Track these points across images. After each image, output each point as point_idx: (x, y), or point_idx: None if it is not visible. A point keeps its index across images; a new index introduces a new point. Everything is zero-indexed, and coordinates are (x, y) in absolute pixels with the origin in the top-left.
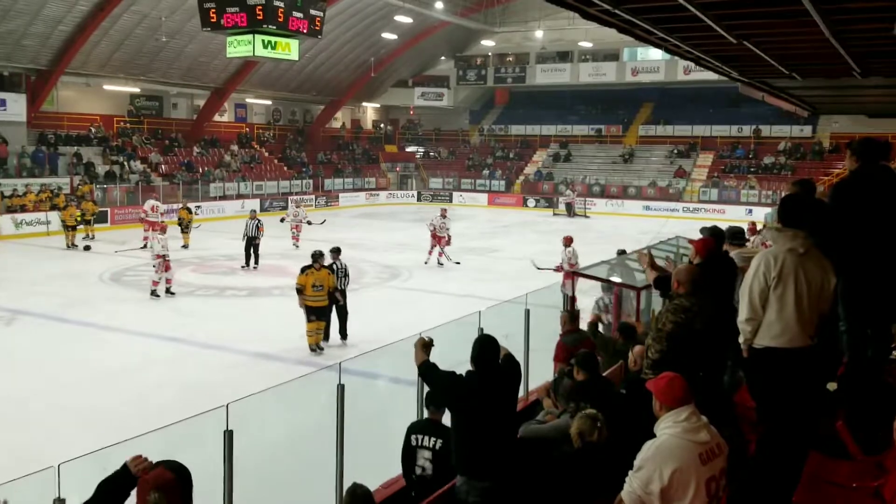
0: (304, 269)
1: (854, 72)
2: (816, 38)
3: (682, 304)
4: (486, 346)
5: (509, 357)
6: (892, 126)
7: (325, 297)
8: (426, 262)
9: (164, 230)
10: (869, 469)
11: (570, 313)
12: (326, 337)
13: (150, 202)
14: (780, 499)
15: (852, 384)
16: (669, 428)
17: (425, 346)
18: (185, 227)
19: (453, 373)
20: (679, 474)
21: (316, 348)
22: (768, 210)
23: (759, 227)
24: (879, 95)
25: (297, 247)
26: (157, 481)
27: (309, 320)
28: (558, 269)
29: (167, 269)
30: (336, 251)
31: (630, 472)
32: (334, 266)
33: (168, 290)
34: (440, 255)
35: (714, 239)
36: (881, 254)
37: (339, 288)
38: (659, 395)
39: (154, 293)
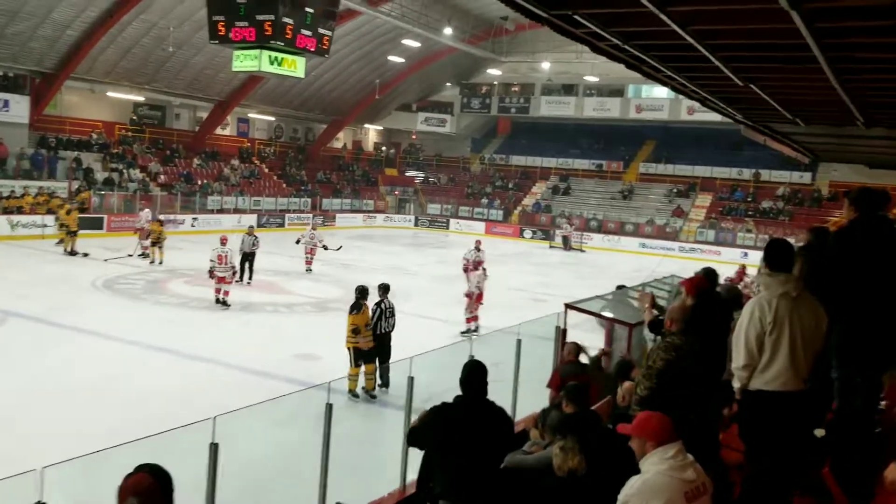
0: (354, 308)
1: (857, 121)
2: (822, 86)
3: (673, 343)
4: (474, 370)
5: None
6: (892, 178)
7: (372, 337)
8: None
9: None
10: None
11: (577, 346)
12: (385, 383)
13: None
14: None
15: (841, 431)
16: (656, 465)
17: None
18: (155, 241)
19: (435, 409)
20: None
21: (366, 394)
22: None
23: (747, 269)
24: (881, 146)
25: (311, 270)
26: (137, 487)
27: (356, 364)
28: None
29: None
30: (384, 288)
31: None
32: (382, 304)
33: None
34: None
35: (705, 278)
36: (875, 304)
37: (386, 330)
38: (645, 434)
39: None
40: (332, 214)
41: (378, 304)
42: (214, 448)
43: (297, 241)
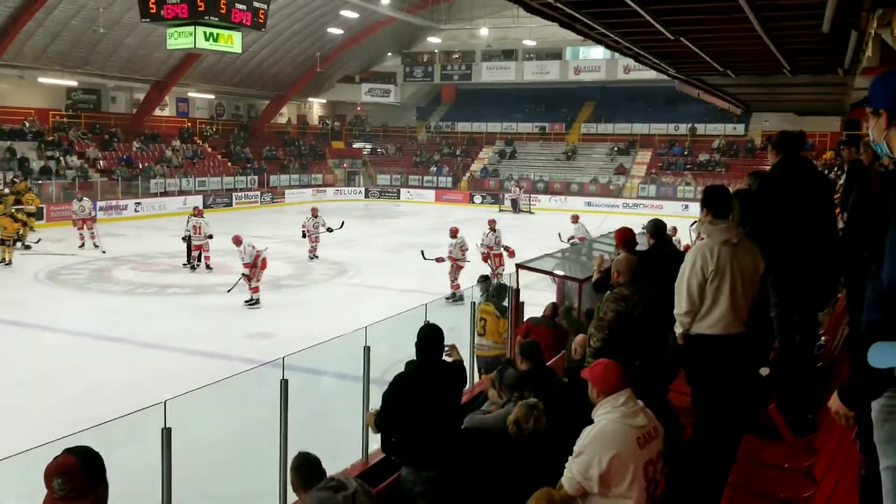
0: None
1: (784, 69)
2: (749, 36)
3: (622, 293)
4: (429, 335)
5: (460, 363)
6: (819, 124)
7: None
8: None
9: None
10: (800, 450)
11: (555, 305)
12: None
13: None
14: (715, 481)
15: (783, 369)
16: (608, 414)
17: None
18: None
19: (390, 386)
20: (618, 459)
21: None
22: None
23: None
24: (808, 93)
25: (317, 257)
26: (59, 468)
27: None
28: (439, 259)
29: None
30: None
31: (570, 459)
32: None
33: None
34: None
35: (630, 230)
36: (807, 243)
37: None
38: (596, 382)
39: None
40: (280, 191)
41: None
42: (167, 433)
43: (304, 236)
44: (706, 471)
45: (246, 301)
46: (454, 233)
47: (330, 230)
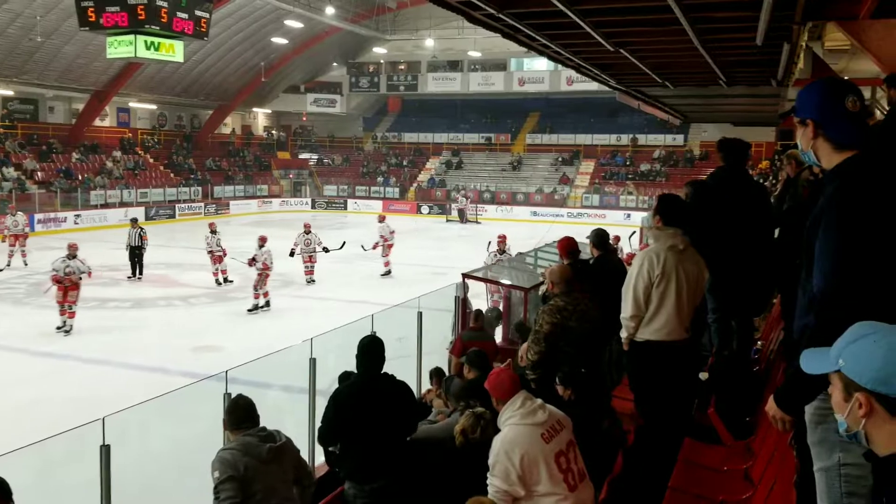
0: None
1: (721, 81)
2: (686, 48)
3: (557, 305)
4: (369, 347)
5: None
6: (755, 134)
7: None
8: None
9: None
10: (738, 453)
11: (479, 312)
12: None
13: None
14: (657, 484)
15: (721, 373)
16: (509, 419)
17: None
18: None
19: (331, 400)
20: (527, 458)
21: None
22: (645, 214)
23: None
24: (744, 104)
25: (313, 281)
26: None
27: None
28: (374, 246)
29: None
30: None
31: (488, 475)
32: None
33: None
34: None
35: (572, 238)
36: (744, 249)
37: None
38: (493, 392)
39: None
40: (225, 202)
41: None
42: (106, 450)
43: (292, 255)
44: (648, 475)
45: (252, 309)
46: (382, 219)
47: (326, 250)
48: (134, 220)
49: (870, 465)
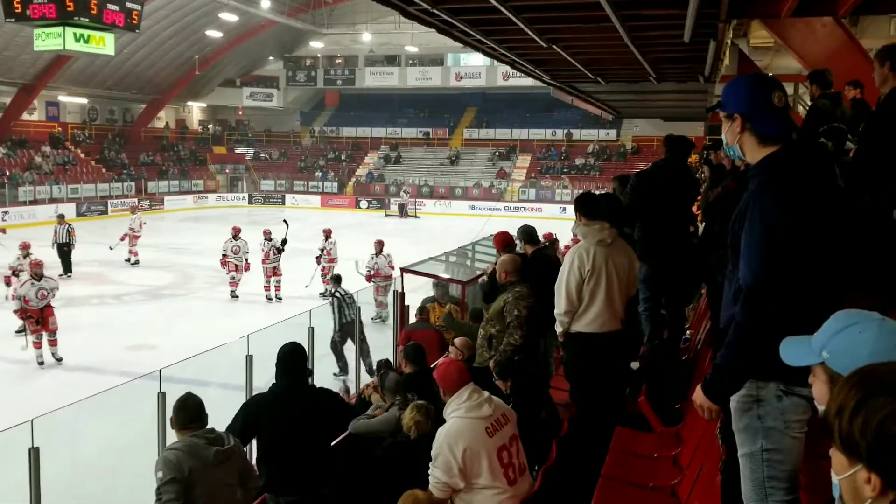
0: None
1: (650, 77)
2: (617, 44)
3: (521, 291)
4: (288, 356)
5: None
6: (684, 129)
7: None
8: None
9: None
10: (668, 440)
11: (422, 307)
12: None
13: None
14: (590, 472)
15: (652, 362)
16: (455, 411)
17: None
18: None
19: (245, 404)
20: (469, 452)
21: None
22: None
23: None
24: (673, 100)
25: (279, 299)
26: None
27: None
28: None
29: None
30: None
31: (430, 465)
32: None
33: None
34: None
35: (507, 233)
36: (675, 240)
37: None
38: (441, 383)
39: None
40: (159, 197)
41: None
42: (35, 452)
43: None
44: (581, 463)
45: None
46: (328, 234)
47: (284, 244)
48: (61, 217)
49: (788, 450)
